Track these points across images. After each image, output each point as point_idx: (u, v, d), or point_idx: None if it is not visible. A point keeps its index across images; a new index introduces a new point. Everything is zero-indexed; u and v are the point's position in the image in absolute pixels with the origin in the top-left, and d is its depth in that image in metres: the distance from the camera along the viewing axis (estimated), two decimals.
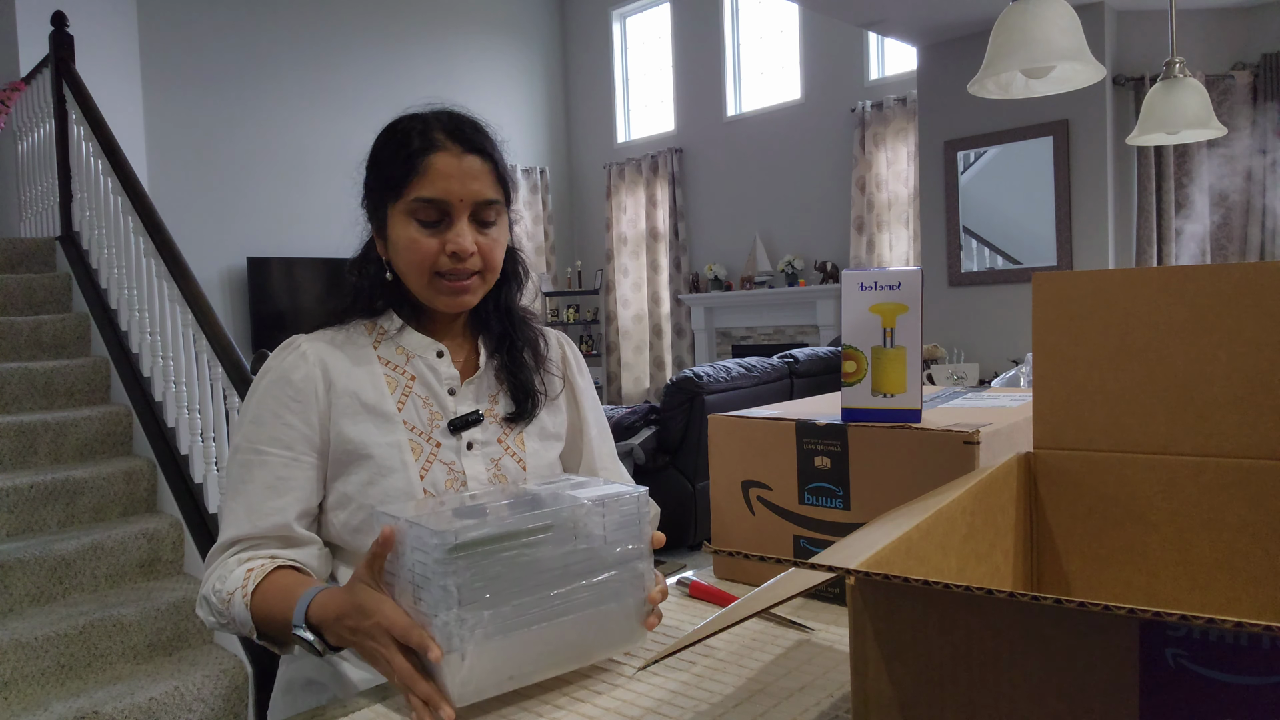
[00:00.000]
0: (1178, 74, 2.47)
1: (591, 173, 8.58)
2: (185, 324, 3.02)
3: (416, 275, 1.03)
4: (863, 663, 0.48)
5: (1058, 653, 0.42)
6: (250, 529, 0.98)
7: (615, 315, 8.15)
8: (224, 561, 0.98)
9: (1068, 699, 0.42)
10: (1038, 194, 4.78)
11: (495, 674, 0.75)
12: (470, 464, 1.05)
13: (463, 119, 1.05)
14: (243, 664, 2.59)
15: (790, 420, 1.02)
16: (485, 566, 0.74)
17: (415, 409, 1.05)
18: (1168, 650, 0.39)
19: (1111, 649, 0.41)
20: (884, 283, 0.96)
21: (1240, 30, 4.59)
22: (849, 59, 6.50)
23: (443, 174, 1.00)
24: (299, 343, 1.05)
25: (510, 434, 1.09)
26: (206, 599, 0.97)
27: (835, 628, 0.94)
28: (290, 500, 0.99)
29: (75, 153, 3.78)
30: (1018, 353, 4.69)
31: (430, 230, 1.01)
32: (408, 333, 1.08)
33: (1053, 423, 0.79)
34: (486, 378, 1.11)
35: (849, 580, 0.47)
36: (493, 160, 1.05)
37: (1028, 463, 0.80)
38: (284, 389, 1.01)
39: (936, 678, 0.46)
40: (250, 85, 6.59)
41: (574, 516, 0.80)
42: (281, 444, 1.00)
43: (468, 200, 1.01)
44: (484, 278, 1.05)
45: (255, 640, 0.96)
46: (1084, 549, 0.78)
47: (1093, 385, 0.76)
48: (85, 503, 2.94)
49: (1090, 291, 0.76)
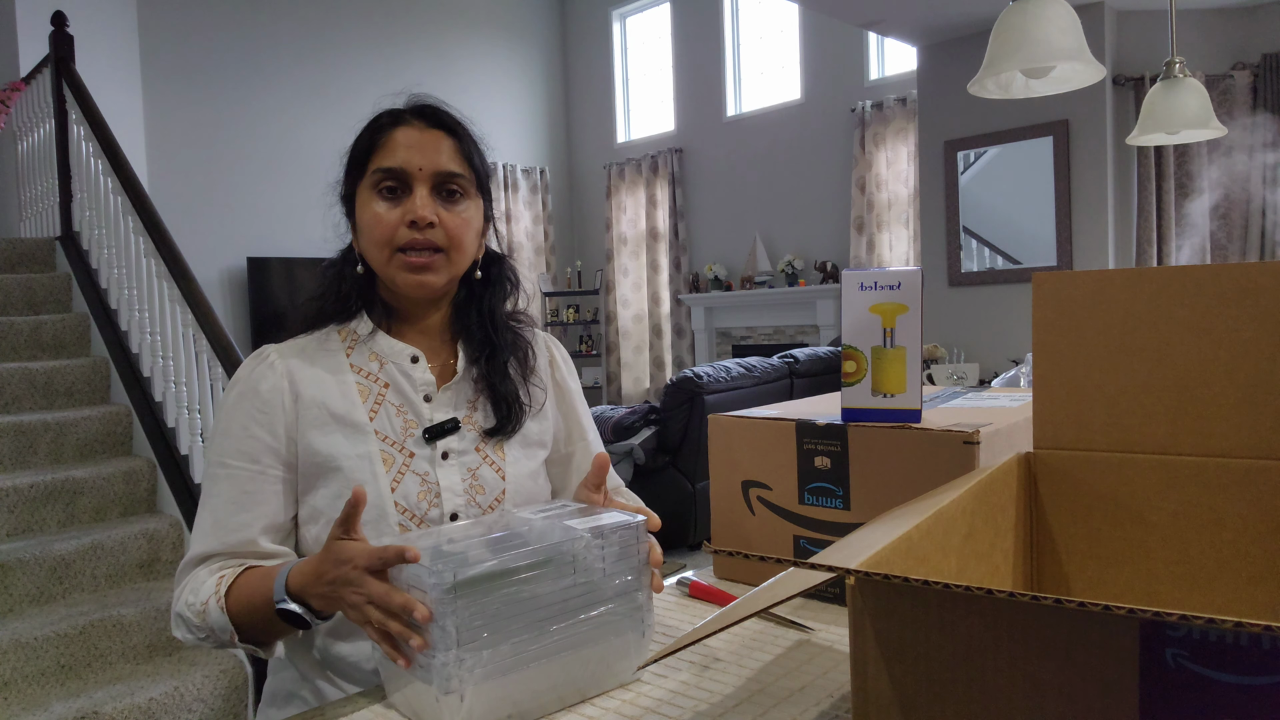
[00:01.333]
0: (1178, 74, 2.47)
1: (591, 173, 8.58)
2: (185, 324, 3.02)
3: (378, 251, 1.00)
4: (863, 663, 0.48)
5: (1058, 653, 0.42)
6: (217, 544, 0.96)
7: (615, 315, 8.15)
8: (195, 574, 0.96)
9: (1068, 699, 0.42)
10: (1038, 194, 4.78)
11: (493, 713, 0.74)
12: (445, 475, 1.01)
13: (435, 104, 1.05)
14: (242, 664, 2.59)
15: (790, 420, 1.02)
16: (484, 605, 0.72)
17: (388, 418, 1.01)
18: (1168, 650, 0.39)
19: (1111, 649, 0.41)
20: (884, 283, 0.96)
21: (1240, 30, 4.59)
22: (849, 59, 6.50)
23: (403, 144, 1.00)
24: (268, 353, 1.02)
25: (489, 442, 1.05)
26: (181, 616, 0.94)
27: (835, 628, 0.94)
28: (256, 515, 0.96)
29: (75, 153, 3.78)
30: (1018, 353, 4.69)
31: (391, 202, 0.99)
32: (380, 337, 1.04)
33: (1053, 423, 0.79)
34: (465, 384, 1.06)
35: (849, 580, 0.48)
36: (458, 138, 1.03)
37: (1028, 463, 0.80)
38: (251, 400, 0.99)
39: (937, 678, 0.46)
40: (250, 85, 6.59)
41: (573, 550, 0.78)
42: (248, 457, 0.97)
43: (428, 169, 0.99)
44: (449, 257, 1.01)
45: (238, 645, 0.93)
46: (1084, 549, 0.78)
47: (1093, 385, 0.76)
48: (85, 503, 2.94)
49: (1090, 291, 0.76)
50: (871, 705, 0.48)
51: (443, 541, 0.79)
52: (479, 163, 1.05)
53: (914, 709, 0.47)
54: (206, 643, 0.94)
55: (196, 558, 0.97)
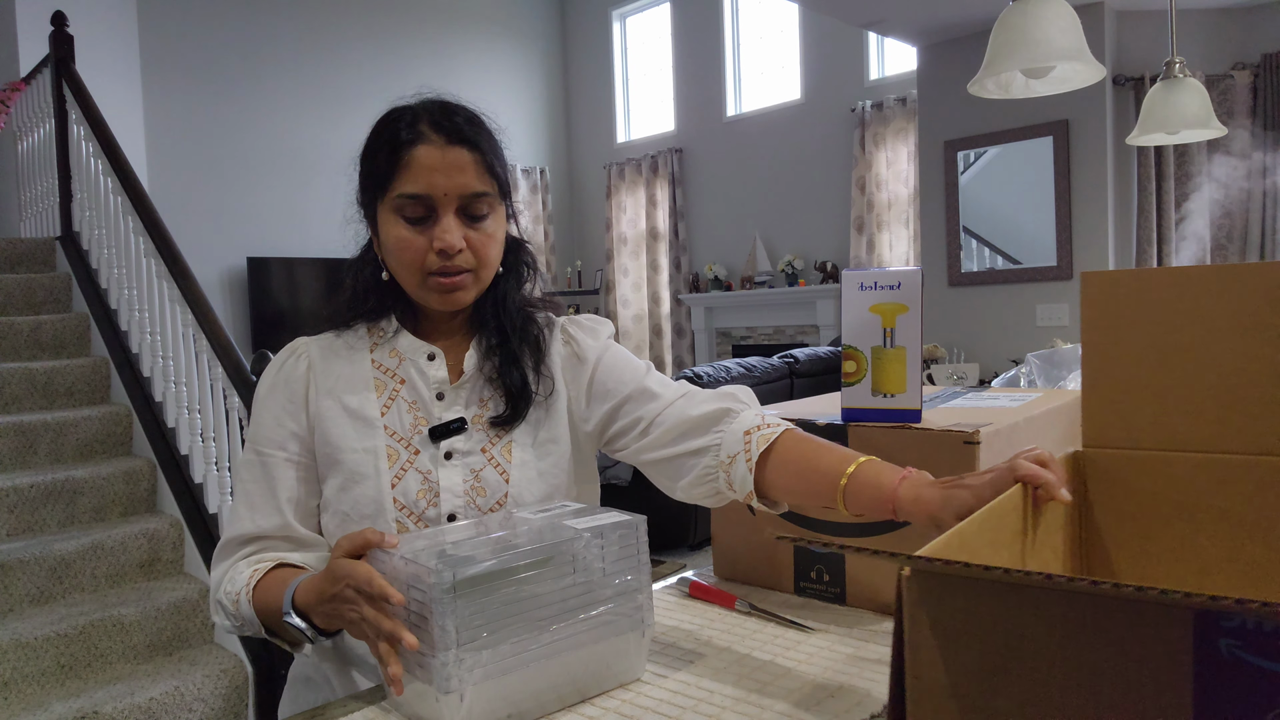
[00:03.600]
0: (1178, 74, 2.47)
1: (591, 173, 8.58)
2: (185, 324, 3.02)
3: (408, 275, 1.00)
4: (916, 651, 0.48)
5: (1112, 643, 0.42)
6: (252, 527, 0.99)
7: (615, 315, 8.15)
8: (234, 564, 0.99)
9: (1123, 689, 0.42)
10: (1038, 194, 4.78)
11: (493, 713, 0.74)
12: (446, 475, 1.00)
13: (452, 108, 1.01)
14: (243, 664, 2.59)
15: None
16: (484, 604, 0.72)
17: (399, 414, 1.02)
18: (1222, 641, 0.39)
19: (1166, 639, 0.41)
20: (884, 283, 0.96)
21: (1240, 30, 4.59)
22: (849, 59, 6.50)
23: (426, 168, 0.96)
24: (298, 344, 1.06)
25: (498, 443, 1.03)
26: (220, 603, 0.97)
27: (835, 628, 0.94)
28: (286, 498, 1.00)
29: (75, 153, 3.78)
30: (1018, 353, 4.69)
31: (417, 228, 0.97)
32: (403, 335, 1.05)
33: (1101, 421, 0.79)
34: (477, 379, 1.05)
35: (904, 571, 0.48)
36: (480, 151, 0.99)
37: (1076, 461, 0.80)
38: (279, 389, 1.03)
39: (991, 667, 0.46)
40: (250, 85, 6.59)
41: (572, 549, 0.77)
42: (275, 443, 1.01)
43: (453, 194, 0.97)
44: (478, 275, 1.01)
45: (270, 639, 0.95)
46: (1133, 547, 0.78)
47: (1141, 384, 0.76)
48: (85, 503, 2.94)
49: (1138, 290, 0.76)
50: (925, 694, 0.48)
51: (444, 542, 0.79)
52: (501, 170, 1.03)
53: (968, 698, 0.47)
54: (243, 631, 0.97)
55: (234, 540, 1.00)
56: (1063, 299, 4.72)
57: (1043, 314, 4.80)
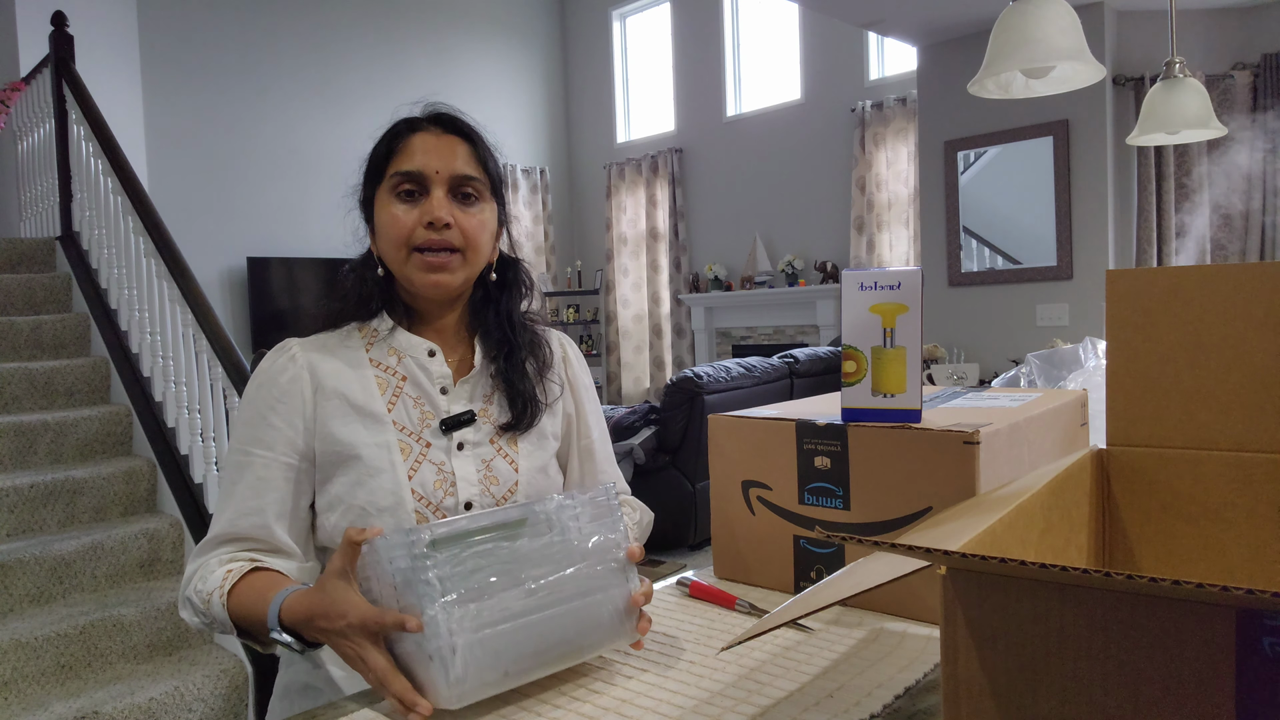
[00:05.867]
0: (1178, 74, 2.47)
1: (591, 173, 8.58)
2: (185, 324, 3.02)
3: (395, 251, 1.03)
4: (953, 650, 0.48)
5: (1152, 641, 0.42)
6: (231, 528, 0.99)
7: (615, 315, 8.15)
8: (206, 562, 0.98)
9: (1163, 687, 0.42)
10: (1038, 194, 4.78)
11: (490, 670, 0.75)
12: (460, 465, 1.04)
13: (449, 110, 1.08)
14: (243, 664, 2.59)
15: (790, 420, 1.02)
16: (464, 559, 0.75)
17: (405, 409, 1.04)
18: (1265, 639, 0.39)
19: (1207, 637, 0.40)
20: (884, 283, 0.96)
21: (1240, 30, 4.59)
22: (849, 59, 6.50)
23: (420, 149, 1.03)
24: (290, 346, 1.06)
25: (503, 435, 1.09)
26: (189, 600, 0.97)
27: (835, 628, 0.94)
28: (270, 501, 1.00)
29: (75, 153, 3.78)
30: (1018, 353, 4.69)
31: (409, 204, 1.03)
32: (399, 333, 1.08)
33: (1127, 420, 0.78)
34: (482, 378, 1.10)
35: (940, 569, 0.48)
36: (474, 143, 1.07)
37: (1101, 459, 0.79)
38: (270, 391, 1.03)
39: (1029, 665, 0.46)
40: (250, 85, 6.59)
41: (545, 510, 0.81)
42: (264, 445, 1.01)
43: (444, 173, 1.03)
44: (465, 257, 1.04)
45: (239, 638, 0.96)
46: (1158, 546, 0.77)
47: (1167, 382, 0.76)
48: (85, 503, 2.94)
49: (1164, 288, 0.76)
50: (963, 693, 0.48)
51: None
52: (493, 168, 1.09)
53: (1006, 696, 0.46)
54: (211, 629, 0.97)
55: (213, 540, 1.00)
56: (1063, 299, 4.72)
57: (1043, 314, 4.80)
